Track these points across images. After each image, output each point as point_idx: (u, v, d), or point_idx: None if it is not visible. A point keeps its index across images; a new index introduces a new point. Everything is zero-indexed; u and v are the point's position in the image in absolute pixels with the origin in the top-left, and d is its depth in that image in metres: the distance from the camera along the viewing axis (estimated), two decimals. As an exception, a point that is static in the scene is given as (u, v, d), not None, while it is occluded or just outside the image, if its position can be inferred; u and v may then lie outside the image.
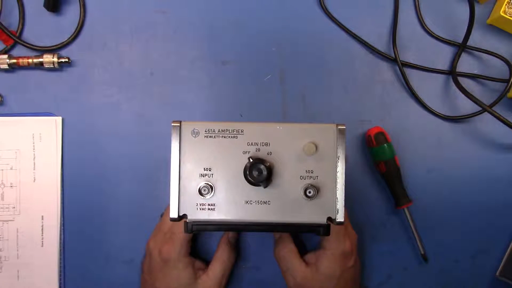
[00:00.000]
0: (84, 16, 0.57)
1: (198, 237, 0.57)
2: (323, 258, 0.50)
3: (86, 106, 0.57)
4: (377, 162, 0.56)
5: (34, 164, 0.56)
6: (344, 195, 0.42)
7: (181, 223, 0.49)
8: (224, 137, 0.42)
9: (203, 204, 0.42)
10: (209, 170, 0.42)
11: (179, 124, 0.42)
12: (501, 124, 0.53)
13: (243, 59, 0.58)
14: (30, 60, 0.55)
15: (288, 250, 0.52)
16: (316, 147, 0.41)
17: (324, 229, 0.43)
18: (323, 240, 0.50)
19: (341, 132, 0.42)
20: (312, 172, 0.42)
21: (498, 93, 0.58)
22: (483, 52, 0.59)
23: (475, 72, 0.59)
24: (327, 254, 0.50)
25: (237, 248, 0.56)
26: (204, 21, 0.58)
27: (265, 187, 0.42)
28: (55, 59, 0.55)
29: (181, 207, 0.42)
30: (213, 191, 0.42)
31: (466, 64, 0.59)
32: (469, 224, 0.58)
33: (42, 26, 0.57)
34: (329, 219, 0.42)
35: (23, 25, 0.57)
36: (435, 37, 0.59)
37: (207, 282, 0.50)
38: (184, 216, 0.42)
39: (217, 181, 0.42)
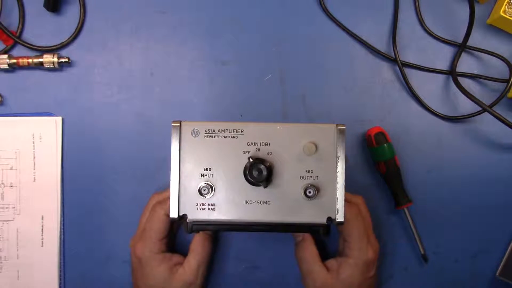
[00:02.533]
0: (84, 16, 0.57)
1: (179, 232, 0.56)
2: (345, 266, 0.49)
3: (86, 106, 0.57)
4: (377, 162, 0.56)
5: (34, 164, 0.56)
6: (344, 195, 0.42)
7: (153, 220, 0.49)
8: (224, 137, 0.42)
9: (203, 204, 0.42)
10: (209, 170, 0.42)
11: (179, 124, 0.42)
12: (501, 124, 0.53)
13: (243, 59, 0.58)
14: (30, 60, 0.55)
15: (310, 253, 0.51)
16: (316, 147, 0.42)
17: (324, 229, 0.43)
18: (346, 248, 0.50)
19: (341, 132, 0.42)
20: (312, 172, 0.42)
21: (498, 93, 0.58)
22: (483, 52, 0.59)
23: (475, 72, 0.59)
24: (350, 263, 0.49)
25: (213, 237, 0.55)
26: (204, 21, 0.58)
27: (265, 187, 0.42)
28: (55, 59, 0.55)
29: (181, 207, 0.42)
30: (213, 191, 0.42)
31: (466, 64, 0.59)
32: (469, 224, 0.58)
33: (42, 26, 0.57)
34: (329, 219, 0.42)
35: (23, 25, 0.57)
36: (435, 37, 0.59)
37: (183, 275, 0.49)
38: (184, 216, 0.42)
39: (217, 181, 0.42)
